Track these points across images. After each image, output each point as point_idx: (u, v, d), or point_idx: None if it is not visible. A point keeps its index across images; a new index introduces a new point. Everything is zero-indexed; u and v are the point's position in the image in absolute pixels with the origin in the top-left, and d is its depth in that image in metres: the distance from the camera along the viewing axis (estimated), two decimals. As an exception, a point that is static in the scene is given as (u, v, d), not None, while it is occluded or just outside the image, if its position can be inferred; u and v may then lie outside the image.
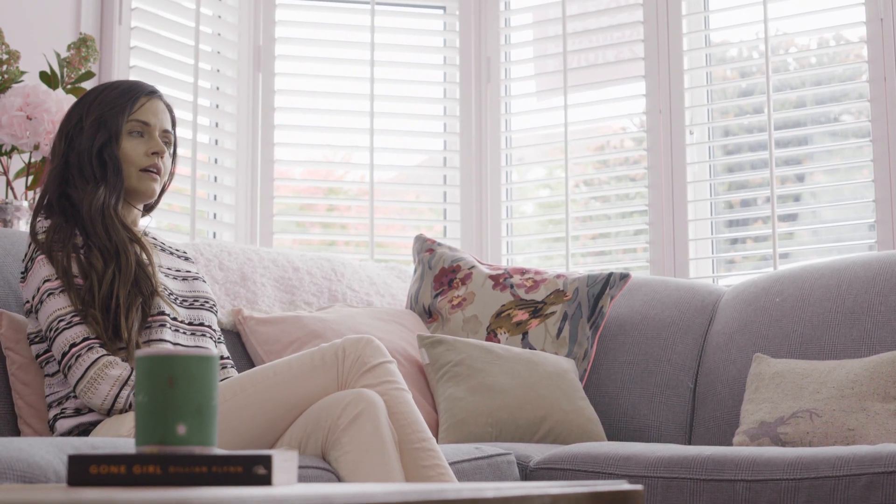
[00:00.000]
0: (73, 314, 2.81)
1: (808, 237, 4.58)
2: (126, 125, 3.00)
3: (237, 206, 4.71)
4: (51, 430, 2.88)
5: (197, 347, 3.01)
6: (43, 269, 2.86)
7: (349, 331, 3.61)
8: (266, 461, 1.54)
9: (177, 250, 3.22)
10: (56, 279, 2.84)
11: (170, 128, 3.09)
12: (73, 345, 2.79)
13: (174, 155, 3.12)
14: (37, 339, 2.94)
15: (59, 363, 2.81)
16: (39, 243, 2.89)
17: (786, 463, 2.68)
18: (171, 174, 3.12)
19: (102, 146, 2.97)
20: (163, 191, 3.13)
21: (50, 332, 2.82)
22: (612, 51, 4.94)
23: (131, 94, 3.03)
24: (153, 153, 3.02)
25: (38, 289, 2.85)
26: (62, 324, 2.80)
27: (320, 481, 2.50)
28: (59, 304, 2.82)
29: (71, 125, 3.01)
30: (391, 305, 4.14)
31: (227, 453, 1.56)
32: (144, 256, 2.96)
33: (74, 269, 2.85)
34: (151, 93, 3.08)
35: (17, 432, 2.97)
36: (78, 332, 2.80)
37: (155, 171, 3.03)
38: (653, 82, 4.68)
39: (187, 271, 3.18)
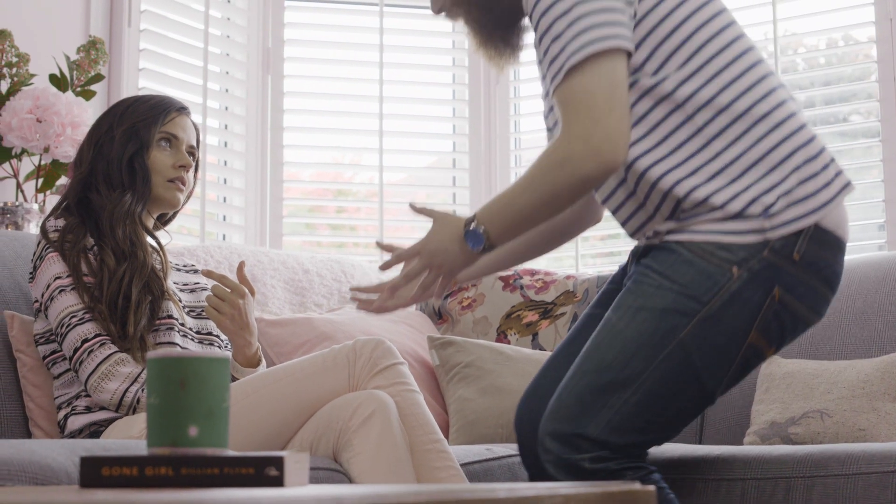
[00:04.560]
0: (84, 311, 2.83)
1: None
2: (156, 136, 3.05)
3: (247, 208, 4.72)
4: (61, 428, 2.89)
5: (206, 353, 3.02)
6: (53, 266, 2.88)
7: (359, 332, 3.61)
8: (278, 462, 1.54)
9: (183, 266, 3.26)
10: (67, 276, 2.87)
11: (195, 145, 3.15)
12: (86, 340, 2.81)
13: (196, 173, 3.16)
14: (43, 341, 2.95)
15: (71, 359, 2.83)
16: (51, 241, 2.92)
17: (795, 461, 2.67)
18: (191, 193, 3.16)
19: (133, 155, 3.03)
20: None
21: (61, 328, 2.84)
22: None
23: (163, 108, 3.10)
24: (180, 166, 3.07)
25: (48, 286, 2.87)
26: (74, 320, 2.83)
27: (332, 482, 2.50)
28: (70, 301, 2.84)
29: (101, 133, 3.06)
30: (401, 307, 4.14)
31: (238, 455, 1.56)
32: (158, 263, 2.99)
33: (84, 268, 2.87)
34: (181, 109, 3.14)
35: (28, 434, 2.98)
36: (90, 328, 2.82)
37: (181, 182, 3.08)
38: (662, 83, 4.67)
39: (195, 283, 3.22)
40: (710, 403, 2.50)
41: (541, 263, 4.87)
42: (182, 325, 3.00)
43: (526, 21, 2.77)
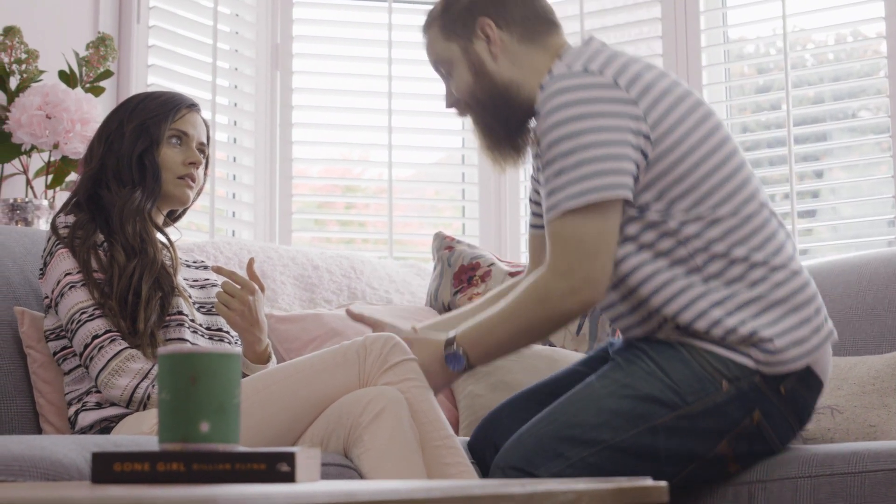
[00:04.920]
0: (94, 307, 2.84)
1: (827, 234, 4.57)
2: (167, 133, 3.05)
3: (256, 204, 4.72)
4: (71, 424, 2.90)
5: (216, 349, 3.02)
6: (64, 262, 2.89)
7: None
8: (290, 458, 1.54)
9: (194, 262, 3.26)
10: (77, 273, 2.87)
11: (206, 141, 3.14)
12: (96, 336, 2.82)
13: (206, 169, 3.16)
14: (53, 337, 2.95)
15: (81, 355, 2.83)
16: (61, 237, 2.92)
17: (800, 461, 2.67)
18: (201, 190, 3.16)
19: (143, 152, 3.02)
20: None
21: (71, 324, 2.84)
22: (629, 48, 4.92)
23: (173, 105, 3.09)
24: (190, 163, 3.07)
25: (59, 282, 2.88)
26: (84, 316, 2.83)
27: (342, 478, 2.50)
28: (80, 297, 2.85)
29: (111, 129, 3.06)
30: (410, 303, 4.14)
31: (250, 450, 1.56)
32: (168, 259, 2.99)
33: (94, 264, 2.88)
34: (192, 105, 3.14)
35: (38, 430, 2.98)
36: (100, 324, 2.83)
37: (191, 179, 3.08)
38: (671, 79, 4.66)
39: (205, 279, 3.22)
40: (660, 471, 2.60)
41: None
42: (192, 321, 3.00)
43: (533, 123, 2.84)
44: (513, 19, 2.80)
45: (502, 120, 2.83)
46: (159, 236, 3.04)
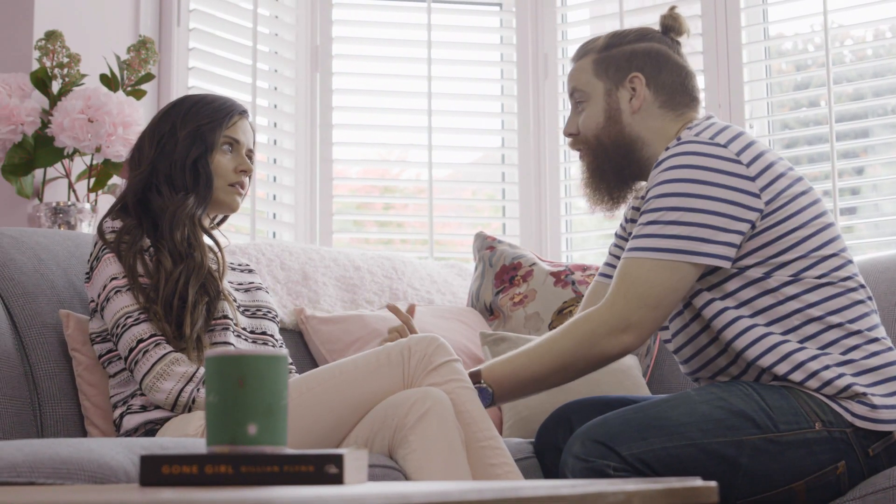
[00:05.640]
0: (139, 311, 2.84)
1: (868, 230, 4.54)
2: (220, 140, 3.06)
3: (296, 205, 4.72)
4: (116, 427, 2.90)
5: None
6: (110, 267, 2.89)
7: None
8: (338, 460, 1.54)
9: (238, 265, 3.27)
10: (123, 277, 2.87)
11: (253, 148, 3.16)
12: (141, 340, 2.82)
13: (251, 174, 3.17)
14: (99, 340, 2.96)
15: (126, 359, 2.84)
16: (108, 242, 2.93)
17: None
18: (245, 194, 3.17)
19: (197, 158, 3.03)
20: None
21: (116, 328, 2.85)
22: (669, 45, 4.91)
23: (227, 111, 3.11)
24: (241, 170, 3.09)
25: (105, 286, 2.88)
26: (129, 320, 2.84)
27: (387, 479, 2.50)
28: (125, 302, 2.85)
29: (164, 133, 3.06)
30: (452, 303, 4.14)
31: (298, 452, 1.56)
32: (215, 263, 3.00)
33: (140, 269, 2.88)
34: (243, 112, 3.15)
35: (83, 433, 2.99)
36: (145, 328, 2.83)
37: (241, 187, 3.10)
38: (712, 76, 4.64)
39: (250, 283, 3.23)
40: (733, 485, 2.63)
41: (590, 259, 4.85)
42: (236, 324, 3.00)
43: (637, 186, 2.97)
44: (663, 84, 2.89)
45: (616, 169, 2.91)
46: (207, 240, 3.04)
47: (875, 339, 2.67)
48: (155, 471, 1.58)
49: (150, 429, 2.85)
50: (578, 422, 2.88)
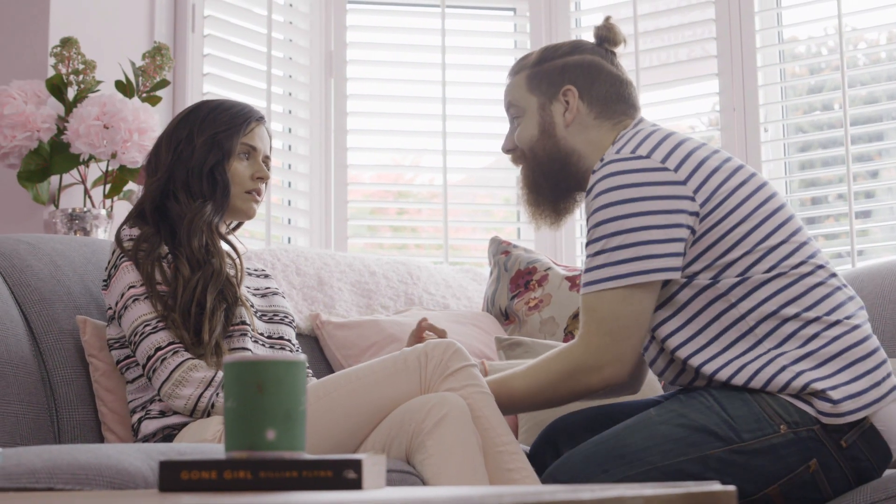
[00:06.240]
0: (157, 319, 2.85)
1: (883, 234, 4.53)
2: (238, 148, 3.06)
3: (311, 211, 4.73)
4: (134, 431, 2.91)
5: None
6: (128, 275, 2.90)
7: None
8: (356, 465, 1.54)
9: (255, 270, 3.27)
10: (141, 285, 2.88)
11: (269, 154, 3.15)
12: (159, 349, 2.82)
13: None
14: (117, 346, 2.97)
15: (144, 367, 2.85)
16: (125, 250, 2.93)
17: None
18: (261, 200, 3.17)
19: (215, 165, 3.03)
20: None
21: (135, 336, 2.86)
22: (683, 49, 4.91)
23: (244, 118, 3.10)
24: (258, 178, 3.09)
25: (123, 294, 2.89)
26: (147, 328, 2.84)
27: (405, 485, 2.50)
28: (143, 310, 2.86)
29: (180, 139, 3.06)
30: (467, 308, 4.14)
31: (317, 458, 1.56)
32: (232, 269, 3.00)
33: (158, 276, 2.89)
34: (260, 118, 3.15)
35: (100, 438, 3.00)
36: (163, 336, 2.84)
37: (258, 194, 3.10)
38: (726, 80, 4.64)
39: (266, 288, 3.23)
40: None
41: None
42: (253, 330, 3.01)
43: (580, 197, 2.95)
44: (597, 95, 2.88)
45: (552, 182, 2.91)
46: (225, 247, 3.04)
47: (836, 322, 2.61)
48: (174, 476, 1.58)
49: (167, 434, 2.85)
50: (564, 443, 2.89)
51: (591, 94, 2.87)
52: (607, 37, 2.95)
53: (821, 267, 2.68)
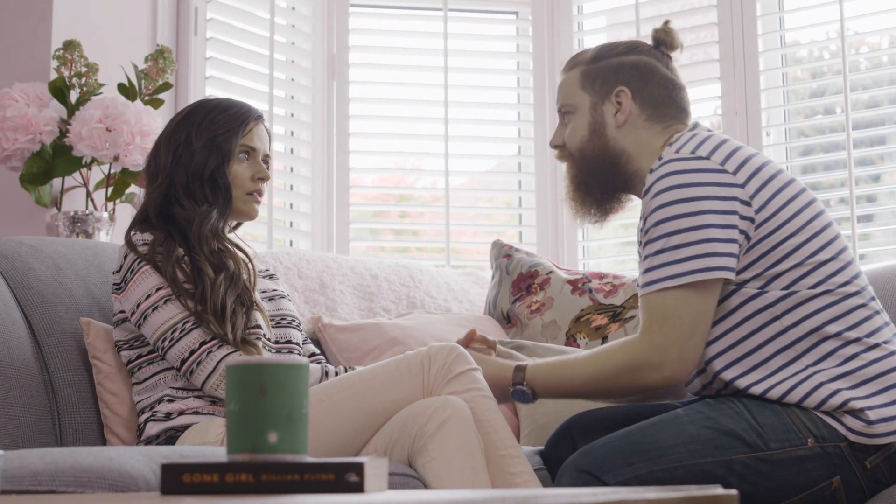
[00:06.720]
0: (185, 321, 2.84)
1: (884, 238, 4.53)
2: (237, 149, 3.05)
3: (313, 214, 4.73)
4: (140, 432, 2.90)
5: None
6: (149, 278, 2.88)
7: (429, 337, 3.61)
8: (358, 468, 1.54)
9: (261, 271, 3.26)
10: (166, 287, 2.87)
11: (269, 153, 3.14)
12: (193, 351, 2.82)
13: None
14: (126, 347, 2.96)
15: (183, 364, 2.84)
16: (142, 255, 2.91)
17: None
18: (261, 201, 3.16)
19: (215, 169, 3.02)
20: None
21: (163, 342, 2.85)
22: (686, 53, 4.90)
23: (242, 118, 3.09)
24: (259, 178, 3.08)
25: (148, 296, 2.87)
26: (177, 333, 2.83)
27: (407, 488, 2.50)
28: (171, 313, 2.85)
29: (179, 142, 3.04)
30: (469, 311, 4.14)
31: (318, 461, 1.57)
32: (245, 274, 3.00)
33: (181, 276, 2.88)
34: (258, 117, 3.13)
35: (103, 441, 3.00)
36: (196, 336, 2.84)
37: (259, 195, 3.09)
38: (728, 84, 4.64)
39: (273, 290, 3.22)
40: None
41: (607, 267, 4.84)
42: (267, 337, 3.00)
43: (626, 198, 2.98)
44: (649, 97, 2.87)
45: (600, 182, 2.91)
46: (238, 252, 3.04)
47: (875, 346, 2.62)
48: (176, 479, 1.58)
49: (170, 436, 2.85)
50: (581, 438, 2.88)
51: (644, 95, 2.87)
52: (665, 40, 2.96)
53: (864, 288, 2.69)
